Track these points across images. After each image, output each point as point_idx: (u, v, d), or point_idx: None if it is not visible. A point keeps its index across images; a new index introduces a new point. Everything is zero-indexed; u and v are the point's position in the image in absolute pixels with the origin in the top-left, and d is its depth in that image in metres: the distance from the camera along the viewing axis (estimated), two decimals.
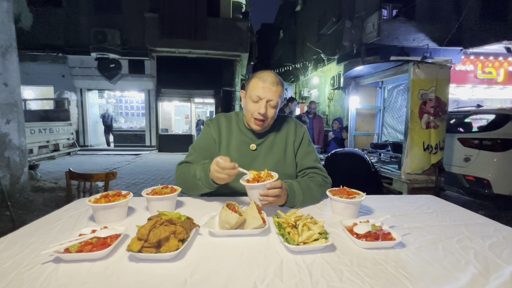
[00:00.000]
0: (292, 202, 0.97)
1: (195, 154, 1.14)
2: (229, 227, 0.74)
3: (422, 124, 2.75)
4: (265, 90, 1.04)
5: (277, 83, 1.06)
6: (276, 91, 1.05)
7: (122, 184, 5.21)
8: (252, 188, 0.89)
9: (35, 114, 6.17)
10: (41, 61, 9.55)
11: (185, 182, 1.05)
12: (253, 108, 1.06)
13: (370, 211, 0.97)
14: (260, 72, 1.09)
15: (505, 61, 8.99)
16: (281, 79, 1.11)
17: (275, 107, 1.07)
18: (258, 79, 1.06)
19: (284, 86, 1.11)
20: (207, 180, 0.95)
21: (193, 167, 1.03)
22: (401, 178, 2.80)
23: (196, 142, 1.18)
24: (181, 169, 1.10)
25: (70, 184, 2.14)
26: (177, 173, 1.11)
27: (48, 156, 5.39)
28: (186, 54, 9.56)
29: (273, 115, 1.08)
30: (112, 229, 0.70)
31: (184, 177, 1.05)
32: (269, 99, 1.04)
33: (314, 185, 1.07)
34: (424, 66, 2.68)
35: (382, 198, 1.13)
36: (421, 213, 0.95)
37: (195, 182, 1.00)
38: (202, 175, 0.97)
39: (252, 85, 1.07)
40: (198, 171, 1.00)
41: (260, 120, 1.06)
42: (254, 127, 1.09)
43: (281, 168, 1.12)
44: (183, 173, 1.07)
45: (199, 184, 0.99)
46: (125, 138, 10.15)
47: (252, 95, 1.05)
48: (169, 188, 0.94)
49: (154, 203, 0.89)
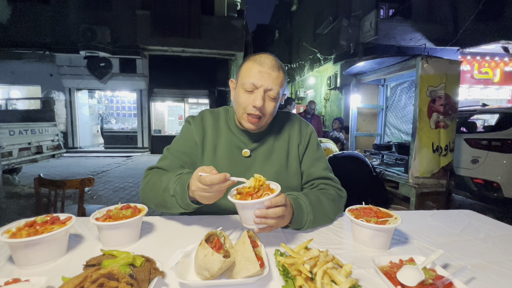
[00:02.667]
0: (298, 222, 0.73)
1: (171, 159, 0.88)
2: (210, 275, 0.49)
3: (431, 124, 2.54)
4: (262, 75, 0.78)
5: (278, 68, 0.81)
6: (277, 78, 0.79)
7: (110, 189, 4.91)
8: (244, 207, 0.64)
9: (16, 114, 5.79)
10: (27, 59, 9.15)
11: (153, 195, 0.79)
12: (246, 100, 0.80)
13: (402, 237, 0.73)
14: (255, 54, 0.83)
15: (501, 61, 8.95)
16: (283, 65, 0.85)
17: (275, 99, 0.81)
18: (253, 61, 0.81)
19: (286, 74, 0.86)
20: (184, 199, 0.70)
21: (166, 177, 0.77)
22: (409, 182, 2.58)
23: (173, 143, 0.92)
24: (150, 176, 0.84)
25: (39, 193, 1.86)
26: (144, 181, 0.84)
27: (30, 159, 5.03)
28: (179, 53, 9.27)
29: (272, 111, 0.82)
30: (23, 284, 0.44)
31: (153, 188, 0.79)
32: (268, 87, 0.78)
33: (326, 199, 0.82)
34: (433, 61, 2.47)
35: (410, 216, 0.89)
36: (472, 240, 0.71)
37: (166, 198, 0.74)
38: (178, 190, 0.71)
39: (245, 70, 0.82)
40: (171, 183, 0.74)
41: (255, 116, 0.80)
42: (248, 125, 0.83)
43: (283, 180, 0.87)
44: (151, 183, 0.81)
45: (172, 202, 0.73)
46: (116, 140, 9.79)
47: (245, 83, 0.79)
48: (131, 209, 0.68)
49: (106, 232, 0.63)
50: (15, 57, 8.96)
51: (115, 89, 9.75)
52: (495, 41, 7.52)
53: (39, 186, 1.83)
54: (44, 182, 1.85)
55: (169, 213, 0.84)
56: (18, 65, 9.13)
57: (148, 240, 0.69)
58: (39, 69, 9.23)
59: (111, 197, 4.34)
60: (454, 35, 8.78)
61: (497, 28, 8.78)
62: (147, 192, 0.81)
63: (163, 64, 9.34)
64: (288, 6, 15.29)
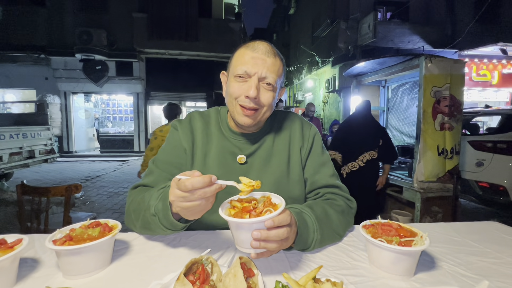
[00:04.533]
0: (303, 242, 0.61)
1: (158, 173, 0.75)
2: None
3: (436, 126, 2.44)
4: (256, 62, 0.67)
5: (274, 54, 0.70)
6: (272, 65, 0.68)
7: (103, 194, 4.77)
8: (240, 227, 0.52)
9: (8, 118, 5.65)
10: (22, 63, 9.03)
11: (136, 217, 0.67)
12: (238, 89, 0.68)
13: (427, 258, 0.61)
14: (249, 42, 0.72)
15: (499, 64, 8.96)
16: (280, 54, 0.74)
17: (272, 89, 0.69)
18: (246, 48, 0.70)
19: (284, 64, 0.74)
20: (167, 217, 0.58)
21: (149, 194, 0.65)
22: (414, 187, 2.47)
23: (159, 154, 0.79)
24: (133, 196, 0.71)
25: (22, 201, 1.74)
26: (127, 203, 0.72)
27: (21, 164, 4.88)
28: (176, 56, 9.19)
29: (270, 103, 0.70)
30: None
31: (135, 209, 0.67)
32: (263, 75, 0.67)
33: (335, 212, 0.70)
34: (437, 60, 2.38)
35: (430, 229, 0.77)
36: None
37: (147, 218, 0.62)
38: (160, 207, 0.59)
39: (237, 57, 0.71)
40: (153, 200, 0.62)
41: (250, 108, 0.69)
42: (243, 119, 0.70)
43: (284, 189, 0.75)
44: (135, 203, 0.69)
45: (155, 223, 0.61)
46: (112, 144, 9.64)
47: (238, 70, 0.68)
48: (100, 227, 0.56)
49: (67, 259, 0.51)
50: (10, 60, 8.84)
51: (111, 93, 9.64)
52: (493, 43, 7.52)
53: (21, 194, 1.71)
54: (27, 190, 1.73)
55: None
56: (13, 69, 9.01)
57: (121, 264, 0.57)
58: (34, 72, 9.11)
59: (104, 203, 4.20)
60: (451, 38, 8.80)
61: (495, 30, 8.81)
62: (130, 214, 0.69)
63: (160, 67, 9.25)
64: (286, 10, 15.34)
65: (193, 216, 0.56)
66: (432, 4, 9.12)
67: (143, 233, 0.70)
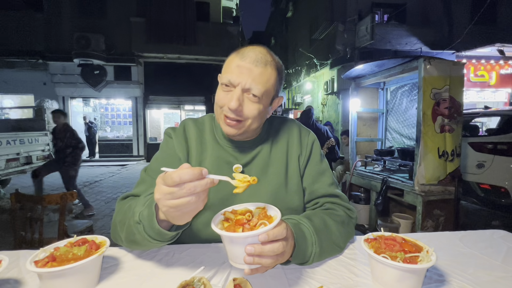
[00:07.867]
0: (301, 256, 0.57)
1: (150, 182, 0.70)
2: None
3: (436, 128, 2.41)
4: (241, 71, 0.63)
5: (265, 63, 0.65)
6: (260, 75, 0.64)
7: (102, 200, 4.73)
8: (233, 241, 0.49)
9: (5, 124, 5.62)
10: (20, 68, 9.02)
11: (121, 228, 0.62)
12: (223, 99, 0.65)
13: (433, 272, 0.58)
14: (244, 47, 0.69)
15: (497, 64, 8.99)
16: (278, 60, 0.70)
17: (258, 101, 0.65)
18: (236, 55, 0.67)
19: (281, 71, 0.71)
20: (151, 224, 0.53)
21: (135, 201, 0.61)
22: (415, 190, 2.44)
23: (152, 163, 0.75)
24: (120, 206, 0.67)
25: (16, 210, 1.70)
26: (114, 214, 0.68)
27: (19, 170, 4.84)
28: (175, 60, 9.19)
29: (255, 115, 0.66)
30: None
31: (121, 220, 0.63)
32: (247, 86, 0.63)
33: (334, 223, 0.67)
34: (436, 62, 2.37)
35: (435, 239, 0.74)
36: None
37: (132, 228, 0.57)
38: (145, 213, 0.54)
39: (227, 63, 0.68)
40: (139, 206, 0.57)
41: (232, 119, 0.65)
42: (226, 129, 0.68)
43: (282, 200, 0.72)
44: (120, 214, 0.64)
45: (139, 232, 0.55)
46: (111, 148, 9.60)
47: (223, 79, 0.65)
48: (87, 245, 0.53)
49: (49, 282, 0.47)
50: (8, 65, 8.82)
51: (109, 97, 9.62)
52: (490, 44, 7.55)
53: (16, 202, 1.68)
54: (21, 198, 1.70)
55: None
56: (10, 74, 8.98)
57: (108, 285, 0.54)
58: (32, 77, 9.08)
59: (102, 209, 4.15)
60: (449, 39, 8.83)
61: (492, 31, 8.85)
62: (116, 226, 0.64)
63: (158, 71, 9.25)
64: (284, 13, 15.41)
65: (182, 219, 0.49)
66: (429, 6, 9.18)
67: (130, 248, 0.65)
